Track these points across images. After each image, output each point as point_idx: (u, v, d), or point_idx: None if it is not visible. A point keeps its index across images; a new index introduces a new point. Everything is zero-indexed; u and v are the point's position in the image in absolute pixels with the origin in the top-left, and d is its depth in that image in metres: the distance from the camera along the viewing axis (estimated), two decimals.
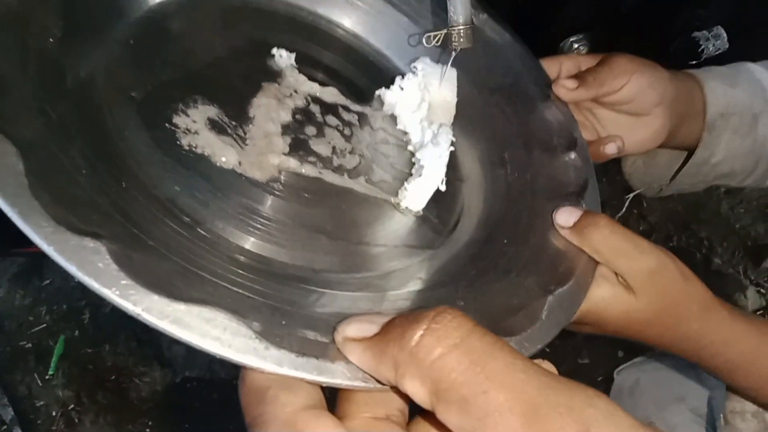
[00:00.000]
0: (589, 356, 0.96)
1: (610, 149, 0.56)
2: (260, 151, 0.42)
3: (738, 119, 0.62)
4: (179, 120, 0.40)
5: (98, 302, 1.00)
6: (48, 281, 1.04)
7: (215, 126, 0.42)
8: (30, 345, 0.76)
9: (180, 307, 0.27)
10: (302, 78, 0.49)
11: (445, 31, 0.50)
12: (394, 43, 0.55)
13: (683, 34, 0.71)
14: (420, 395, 0.25)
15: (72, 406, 0.70)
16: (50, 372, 0.70)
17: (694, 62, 0.72)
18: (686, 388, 0.73)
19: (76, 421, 0.70)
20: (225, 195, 0.39)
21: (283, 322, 0.30)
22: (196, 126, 0.41)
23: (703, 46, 0.71)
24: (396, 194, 0.46)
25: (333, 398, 0.30)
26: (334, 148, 0.46)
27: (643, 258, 0.43)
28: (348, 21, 0.55)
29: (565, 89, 0.54)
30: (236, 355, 0.27)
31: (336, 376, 0.28)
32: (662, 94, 0.57)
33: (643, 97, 0.56)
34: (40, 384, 0.71)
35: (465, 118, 0.53)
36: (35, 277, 1.06)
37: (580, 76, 0.55)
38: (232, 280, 0.31)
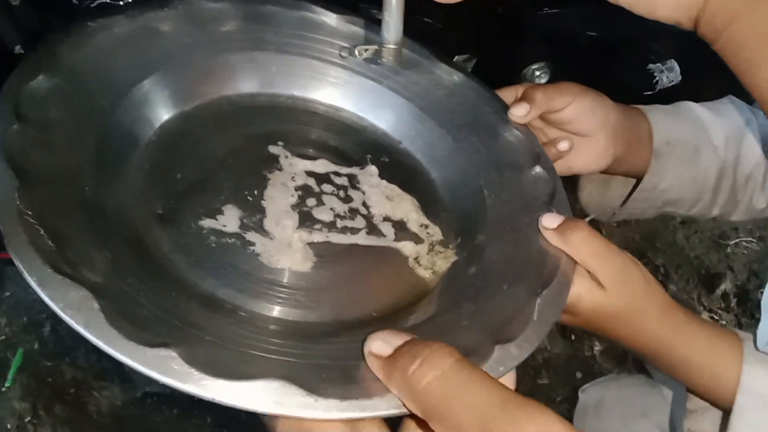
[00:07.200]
0: (549, 377, 0.98)
1: (563, 146, 0.61)
2: (279, 239, 0.49)
3: (681, 149, 0.67)
4: (204, 223, 0.47)
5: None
6: (8, 293, 1.03)
7: (239, 224, 0.48)
8: None
9: (242, 385, 0.34)
10: (296, 159, 0.55)
11: (375, 47, 0.54)
12: (367, 105, 0.61)
13: (639, 66, 0.75)
14: (418, 413, 0.33)
15: (28, 418, 0.69)
16: (7, 384, 0.69)
17: (648, 93, 0.75)
18: (649, 405, 0.76)
19: None
20: (253, 277, 0.46)
21: (324, 376, 0.36)
22: (220, 226, 0.47)
23: (657, 78, 0.75)
24: (395, 238, 0.53)
25: None
26: (335, 212, 0.50)
27: (613, 258, 0.49)
28: (322, 96, 0.61)
29: (518, 116, 0.59)
30: (295, 412, 0.34)
31: (377, 409, 0.35)
32: (605, 117, 0.62)
33: (587, 117, 0.61)
34: None
35: (441, 157, 0.57)
36: None
37: (528, 96, 0.59)
38: (276, 350, 0.38)
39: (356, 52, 0.57)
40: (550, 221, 0.50)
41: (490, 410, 0.31)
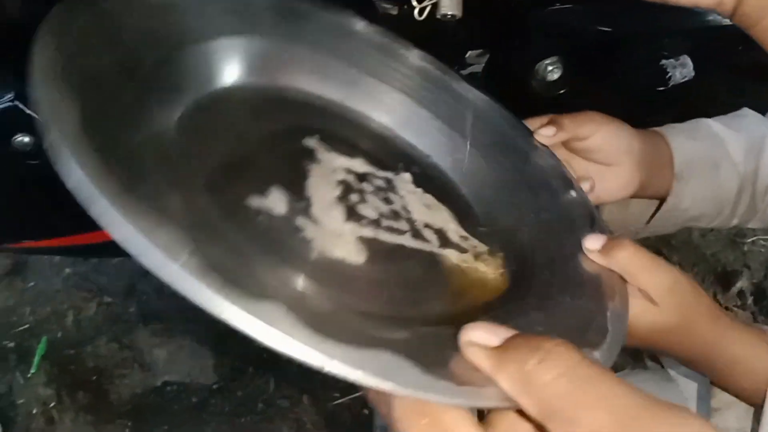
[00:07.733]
0: None
1: (584, 187, 0.60)
2: (329, 228, 0.46)
3: (701, 168, 0.67)
4: (251, 201, 0.43)
5: (81, 305, 1.00)
6: (32, 283, 1.05)
7: (287, 208, 0.45)
8: (12, 344, 0.77)
9: (365, 354, 0.30)
10: (333, 155, 0.53)
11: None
12: (396, 116, 0.60)
13: (651, 61, 0.75)
14: (532, 411, 0.30)
15: (52, 404, 0.71)
16: (32, 371, 0.71)
17: (661, 88, 0.76)
18: (665, 400, 0.76)
19: (56, 419, 0.71)
20: (309, 263, 0.42)
21: (428, 359, 0.32)
22: (268, 207, 0.44)
23: (670, 74, 0.75)
24: (440, 245, 0.50)
25: None
26: (378, 211, 0.50)
27: (663, 273, 0.48)
28: (351, 101, 0.59)
29: (546, 135, 0.59)
30: (415, 392, 0.30)
31: (491, 399, 0.32)
32: (629, 144, 0.63)
33: (612, 145, 0.62)
34: (21, 382, 0.72)
35: (471, 173, 0.58)
36: (18, 279, 1.08)
37: (556, 121, 0.59)
38: (376, 334, 0.35)
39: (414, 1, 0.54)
40: (593, 243, 0.50)
41: (631, 411, 0.28)
